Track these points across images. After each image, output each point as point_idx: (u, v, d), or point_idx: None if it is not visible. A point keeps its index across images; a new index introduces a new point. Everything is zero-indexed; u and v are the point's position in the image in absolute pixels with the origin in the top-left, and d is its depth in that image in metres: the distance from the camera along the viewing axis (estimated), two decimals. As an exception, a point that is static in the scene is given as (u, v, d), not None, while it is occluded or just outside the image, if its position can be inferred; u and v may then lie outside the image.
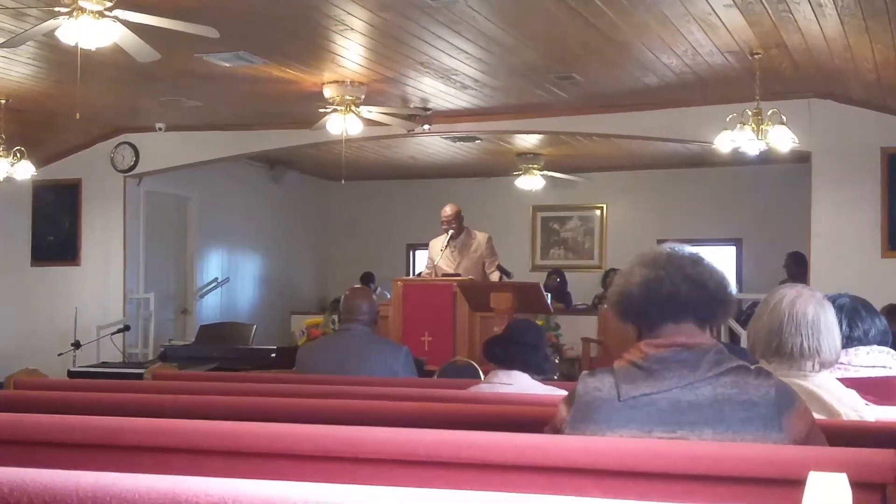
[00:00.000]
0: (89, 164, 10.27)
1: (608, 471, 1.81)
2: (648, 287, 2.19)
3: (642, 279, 2.20)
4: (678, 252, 2.24)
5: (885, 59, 6.82)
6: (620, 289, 2.25)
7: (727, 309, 2.25)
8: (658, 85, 7.95)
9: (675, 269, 2.19)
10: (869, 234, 8.19)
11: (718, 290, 2.20)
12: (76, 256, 10.31)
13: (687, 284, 2.17)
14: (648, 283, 2.19)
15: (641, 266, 2.23)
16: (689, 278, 2.18)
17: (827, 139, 8.24)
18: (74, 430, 2.09)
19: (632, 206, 12.75)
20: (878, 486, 1.70)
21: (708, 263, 2.23)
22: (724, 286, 2.22)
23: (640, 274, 2.21)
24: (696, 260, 2.22)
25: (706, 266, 2.22)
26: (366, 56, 7.19)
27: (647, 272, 2.21)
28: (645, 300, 2.19)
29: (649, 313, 2.19)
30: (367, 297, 5.00)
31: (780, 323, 2.62)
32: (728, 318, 2.44)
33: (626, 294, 2.22)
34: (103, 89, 8.23)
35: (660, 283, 2.18)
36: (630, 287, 2.22)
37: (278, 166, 12.58)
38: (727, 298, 2.23)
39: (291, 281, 13.24)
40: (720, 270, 2.24)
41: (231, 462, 1.93)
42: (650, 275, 2.20)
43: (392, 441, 1.91)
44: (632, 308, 2.22)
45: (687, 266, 2.20)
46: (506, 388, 3.64)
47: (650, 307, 2.19)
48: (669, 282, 2.17)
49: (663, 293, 2.17)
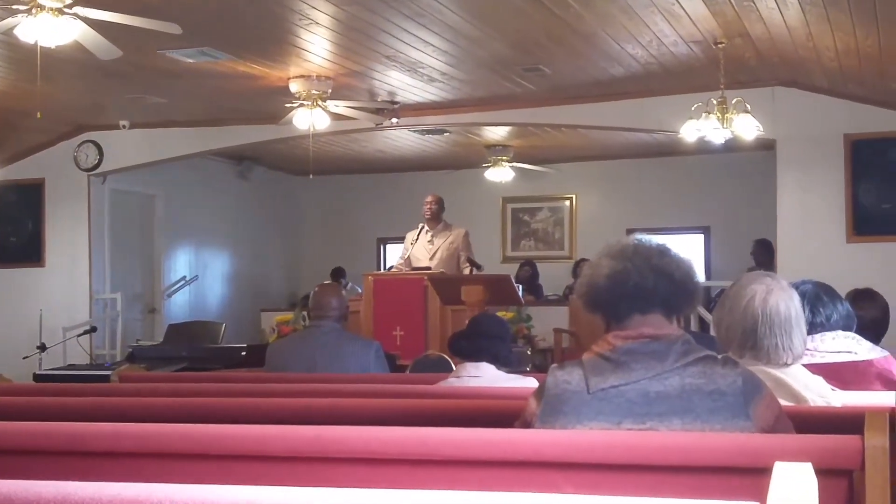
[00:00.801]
0: (52, 164, 10.15)
1: (578, 464, 1.81)
2: (615, 279, 2.19)
3: (610, 271, 2.21)
4: (645, 243, 2.24)
5: (846, 46, 6.88)
6: (588, 280, 2.25)
7: (693, 299, 2.27)
8: (624, 75, 7.98)
9: (641, 260, 2.20)
10: (834, 220, 8.27)
11: (685, 281, 2.22)
12: (40, 257, 10.19)
13: (653, 275, 2.18)
14: (615, 274, 2.20)
15: (608, 258, 2.23)
16: (655, 269, 2.19)
17: (791, 127, 8.31)
18: (36, 437, 2.06)
19: (601, 197, 12.80)
20: (845, 472, 1.72)
21: (674, 254, 2.24)
22: (690, 276, 2.23)
23: (608, 265, 2.22)
24: (663, 251, 2.23)
25: (672, 257, 2.23)
26: (331, 50, 7.16)
27: (613, 264, 2.21)
28: (612, 292, 2.20)
29: (616, 305, 2.20)
30: (336, 293, 4.98)
31: (753, 323, 2.64)
32: (694, 309, 2.44)
33: (594, 286, 2.23)
34: (65, 87, 8.13)
35: (626, 275, 2.18)
36: (597, 279, 2.22)
37: (245, 162, 12.50)
38: (693, 289, 2.24)
39: (260, 278, 13.16)
40: (686, 261, 2.25)
41: (200, 466, 1.92)
42: (617, 266, 2.20)
43: (363, 440, 1.90)
44: (599, 300, 2.23)
45: (653, 257, 2.20)
46: (475, 381, 3.66)
47: (617, 299, 2.20)
48: (637, 273, 2.18)
49: (630, 285, 2.18)
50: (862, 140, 8.24)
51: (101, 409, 2.87)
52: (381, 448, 1.87)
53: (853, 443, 1.72)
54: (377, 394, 3.19)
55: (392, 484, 1.76)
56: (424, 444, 1.87)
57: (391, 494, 1.42)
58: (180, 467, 1.91)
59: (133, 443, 1.98)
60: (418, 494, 1.43)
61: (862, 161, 8.22)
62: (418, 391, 3.39)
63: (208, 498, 1.30)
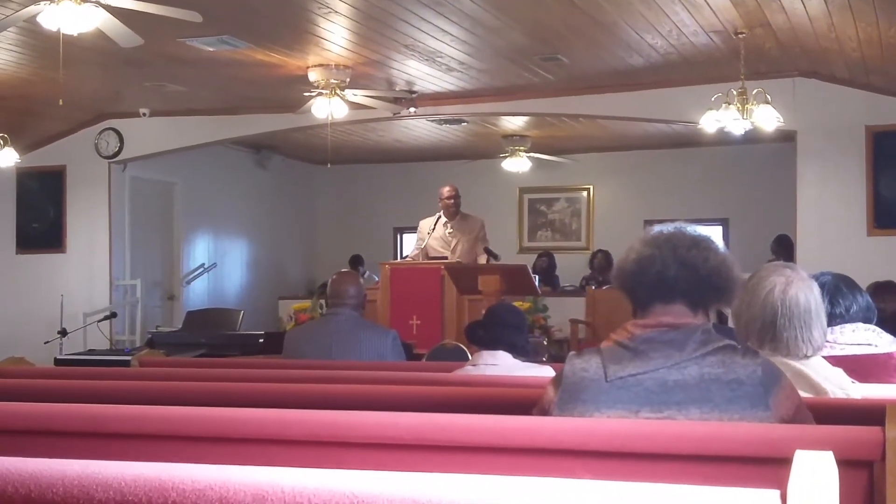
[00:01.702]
0: (73, 151, 10.21)
1: (596, 452, 1.81)
2: (641, 265, 2.18)
3: (638, 256, 2.19)
4: (681, 233, 2.20)
5: (868, 37, 6.83)
6: (619, 263, 2.25)
7: (721, 295, 2.21)
8: (643, 66, 7.94)
9: (669, 249, 2.16)
10: (855, 213, 8.22)
11: (711, 276, 2.16)
12: (61, 244, 10.26)
13: (677, 266, 2.15)
14: (642, 260, 2.18)
15: (642, 242, 2.22)
16: (681, 260, 2.15)
17: (812, 118, 8.26)
18: (60, 419, 2.08)
19: (618, 188, 12.76)
20: (865, 464, 1.71)
21: (707, 247, 2.18)
22: (719, 272, 2.17)
23: (637, 251, 2.20)
24: (696, 242, 2.18)
25: (703, 249, 2.17)
26: (350, 39, 7.16)
27: (643, 249, 2.19)
28: (635, 278, 2.19)
29: (638, 291, 2.19)
30: (354, 281, 4.99)
31: (773, 315, 2.61)
32: (724, 305, 2.37)
33: (622, 269, 2.23)
34: (86, 75, 8.17)
35: (651, 263, 2.17)
36: (626, 263, 2.22)
37: (264, 151, 12.53)
38: (722, 285, 2.19)
39: (278, 266, 13.21)
40: (722, 256, 2.19)
41: (219, 448, 1.93)
42: (645, 252, 2.18)
43: (380, 425, 1.91)
44: (624, 284, 2.23)
45: (682, 248, 2.16)
46: (492, 370, 3.67)
47: (639, 285, 2.19)
48: (661, 262, 2.16)
49: (652, 272, 2.16)
50: (883, 132, 8.18)
51: (122, 392, 2.89)
52: (398, 433, 1.88)
53: (874, 434, 1.71)
54: (394, 381, 3.20)
55: (409, 469, 1.77)
56: (442, 430, 1.88)
57: (407, 477, 1.43)
58: (200, 449, 1.93)
59: (154, 425, 1.99)
60: (433, 477, 1.43)
61: (883, 153, 8.16)
62: (435, 378, 3.39)
63: (229, 478, 1.31)
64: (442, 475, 1.46)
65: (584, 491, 1.37)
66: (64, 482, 1.34)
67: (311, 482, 1.36)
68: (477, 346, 3.89)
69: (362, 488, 1.34)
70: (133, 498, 1.31)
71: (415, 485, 1.38)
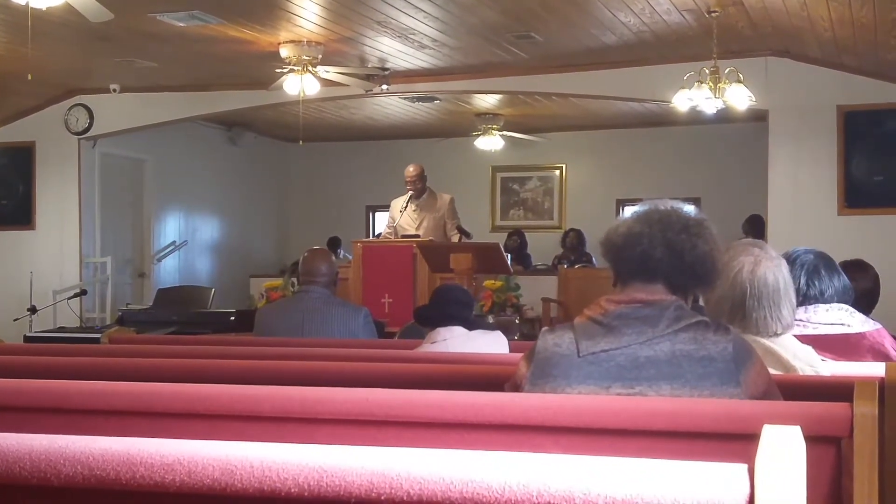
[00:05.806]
0: (43, 127, 10.08)
1: (566, 428, 1.81)
2: (628, 240, 2.17)
3: (627, 230, 2.18)
4: (674, 214, 2.18)
5: (840, 16, 6.85)
6: (608, 233, 2.24)
7: (702, 283, 2.21)
8: (616, 44, 7.94)
9: (658, 229, 2.15)
10: (826, 192, 8.27)
11: (695, 264, 2.15)
12: (31, 220, 10.14)
13: (663, 248, 2.14)
14: (630, 236, 2.17)
15: (634, 217, 2.20)
16: (667, 243, 2.14)
17: (784, 97, 8.29)
18: (28, 394, 2.06)
19: (591, 166, 12.78)
20: (833, 440, 1.72)
21: (698, 233, 2.16)
22: (703, 261, 2.16)
23: (627, 225, 2.19)
24: (687, 227, 2.16)
25: (693, 235, 2.15)
26: (322, 15, 7.10)
27: (633, 225, 2.18)
28: (620, 252, 2.18)
29: (620, 266, 2.19)
30: (325, 259, 4.97)
31: (742, 295, 2.61)
32: (704, 292, 2.36)
33: (609, 240, 2.22)
34: (55, 50, 8.06)
35: (638, 241, 2.15)
36: (614, 235, 2.21)
37: (235, 128, 12.44)
38: (704, 274, 2.18)
39: (250, 244, 13.15)
40: (711, 245, 2.17)
41: (189, 424, 1.92)
42: (634, 228, 2.17)
43: (350, 401, 1.90)
44: (609, 255, 2.23)
45: (672, 231, 2.15)
46: (451, 343, 3.74)
47: (622, 261, 2.18)
48: (648, 241, 2.14)
49: (638, 250, 2.15)
50: (855, 112, 8.23)
51: (92, 368, 2.87)
52: (369, 409, 1.87)
53: (842, 410, 1.72)
54: (365, 358, 3.19)
55: (380, 445, 1.76)
56: (413, 405, 1.88)
57: (376, 452, 1.43)
58: (169, 425, 1.91)
59: (123, 401, 1.98)
60: (403, 452, 1.43)
61: (854, 133, 8.22)
62: (406, 356, 3.39)
63: (196, 452, 1.30)
64: (412, 450, 1.46)
65: (555, 466, 1.37)
66: (31, 456, 1.33)
67: (279, 457, 1.35)
68: (429, 326, 3.93)
69: (331, 462, 1.33)
70: (100, 472, 1.29)
71: (384, 459, 1.38)
